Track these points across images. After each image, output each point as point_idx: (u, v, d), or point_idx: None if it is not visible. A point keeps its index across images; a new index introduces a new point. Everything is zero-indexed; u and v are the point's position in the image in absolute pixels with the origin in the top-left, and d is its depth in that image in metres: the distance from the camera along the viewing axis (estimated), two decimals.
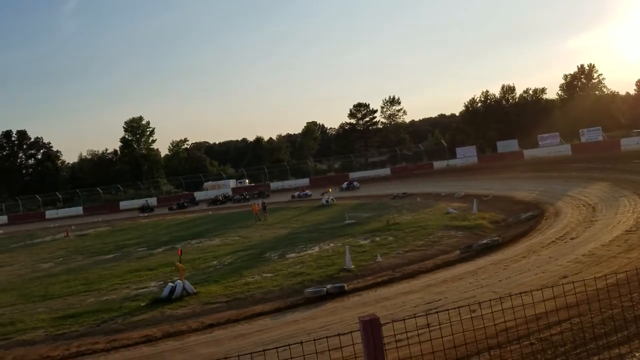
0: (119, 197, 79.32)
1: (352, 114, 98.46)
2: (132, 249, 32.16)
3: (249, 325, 13.08)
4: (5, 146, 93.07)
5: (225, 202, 61.64)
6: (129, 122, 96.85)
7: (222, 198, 63.78)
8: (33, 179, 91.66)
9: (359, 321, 3.89)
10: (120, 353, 12.27)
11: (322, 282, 16.29)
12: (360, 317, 3.89)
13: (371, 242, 22.89)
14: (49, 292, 20.89)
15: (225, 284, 17.96)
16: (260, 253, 24.23)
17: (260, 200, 41.28)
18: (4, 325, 16.01)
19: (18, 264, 31.60)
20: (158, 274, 21.88)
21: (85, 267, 27.05)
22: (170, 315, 14.97)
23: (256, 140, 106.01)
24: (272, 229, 33.39)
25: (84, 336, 14.02)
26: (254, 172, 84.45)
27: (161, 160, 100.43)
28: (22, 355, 12.91)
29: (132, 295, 18.45)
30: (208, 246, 29.12)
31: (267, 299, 15.45)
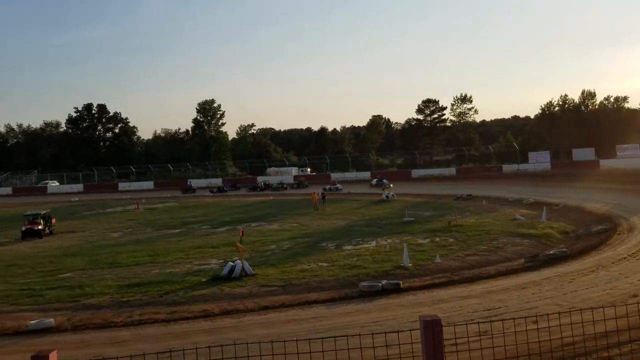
0: (188, 175, 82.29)
1: (420, 109, 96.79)
2: (196, 225, 33.42)
3: (303, 312, 13.29)
4: (86, 118, 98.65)
5: (264, 190, 63.60)
6: (201, 104, 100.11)
7: (262, 185, 66.07)
8: (109, 151, 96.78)
9: (419, 320, 3.86)
10: (180, 325, 12.82)
11: (378, 277, 16.26)
12: (422, 317, 3.86)
13: (430, 242, 22.55)
14: (117, 261, 22.12)
15: (282, 269, 18.31)
16: (317, 242, 24.49)
17: (320, 190, 41.56)
18: (73, 288, 17.12)
19: (90, 231, 33.64)
20: (219, 253, 22.62)
21: (152, 240, 28.41)
22: (229, 293, 15.47)
23: (320, 130, 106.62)
24: (330, 219, 33.60)
25: (147, 305, 14.74)
26: (316, 161, 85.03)
27: (228, 143, 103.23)
28: (88, 319, 13.73)
29: (194, 270, 19.21)
30: (267, 230, 29.75)
31: (322, 288, 15.61)
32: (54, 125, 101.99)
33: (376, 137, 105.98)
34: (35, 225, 31.47)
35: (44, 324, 13.12)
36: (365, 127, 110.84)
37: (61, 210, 45.19)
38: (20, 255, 24.92)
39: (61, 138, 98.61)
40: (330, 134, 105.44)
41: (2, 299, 16.07)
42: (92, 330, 12.89)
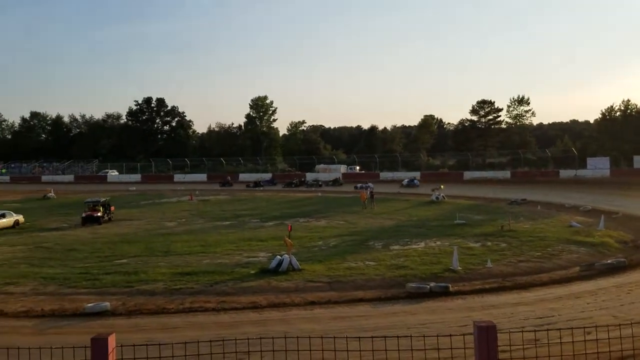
0: (240, 169, 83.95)
1: (475, 110, 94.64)
2: (246, 218, 34.05)
3: (349, 309, 13.31)
4: (145, 111, 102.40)
5: (299, 186, 64.89)
6: (254, 100, 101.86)
7: (297, 182, 67.77)
8: (166, 144, 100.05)
9: (474, 325, 3.81)
10: (229, 315, 13.13)
11: (426, 279, 16.05)
12: (476, 322, 3.80)
13: (482, 246, 22.03)
14: (171, 249, 22.83)
15: (329, 265, 18.38)
16: (364, 240, 24.41)
17: (369, 189, 41.39)
18: (128, 274, 17.78)
19: (146, 219, 34.86)
20: (267, 246, 22.94)
21: (204, 230, 29.15)
22: (276, 286, 15.68)
23: (370, 128, 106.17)
24: (377, 218, 33.41)
25: (198, 294, 15.16)
26: (365, 159, 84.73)
27: (279, 139, 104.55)
28: (142, 304, 14.26)
29: (243, 262, 19.59)
30: (315, 226, 29.92)
31: (368, 287, 15.57)
32: (115, 117, 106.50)
33: (427, 137, 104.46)
34: (95, 212, 32.90)
35: (100, 307, 13.72)
36: (417, 127, 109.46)
37: (119, 198, 47.05)
38: (80, 240, 26.14)
39: (121, 129, 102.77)
40: (380, 132, 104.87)
41: (61, 282, 16.87)
42: (145, 315, 13.38)
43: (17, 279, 17.36)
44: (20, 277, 17.65)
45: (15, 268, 19.34)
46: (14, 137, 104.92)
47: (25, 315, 13.50)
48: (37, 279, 17.31)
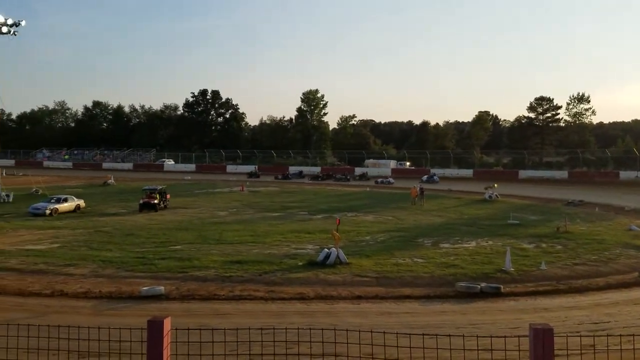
0: (289, 162, 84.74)
1: (532, 107, 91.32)
2: (294, 211, 34.40)
3: (396, 305, 13.25)
4: (201, 103, 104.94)
5: (325, 179, 66.16)
6: (305, 94, 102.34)
7: (322, 175, 69.69)
8: (220, 135, 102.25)
9: (529, 328, 3.70)
10: (277, 304, 13.36)
11: (476, 278, 15.74)
12: (532, 325, 3.69)
13: (536, 248, 21.38)
14: (222, 238, 23.41)
15: (376, 260, 18.32)
16: (413, 237, 24.16)
17: (419, 185, 40.81)
18: (182, 260, 18.39)
19: (199, 208, 35.85)
20: (315, 239, 23.12)
21: (254, 221, 29.69)
22: (323, 279, 15.79)
23: (422, 124, 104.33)
24: (427, 215, 32.97)
25: (247, 282, 15.50)
26: (416, 155, 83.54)
27: (329, 133, 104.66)
28: (195, 289, 14.75)
29: (291, 253, 19.85)
30: (362, 221, 29.86)
31: (417, 284, 15.43)
32: (172, 108, 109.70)
33: (482, 134, 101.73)
34: (152, 200, 34.10)
35: (155, 291, 14.28)
36: (471, 123, 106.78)
37: (175, 187, 48.51)
38: (137, 226, 27.19)
39: (178, 120, 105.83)
40: (432, 128, 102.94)
41: (119, 265, 17.65)
42: (197, 300, 13.83)
43: (78, 261, 18.29)
44: (80, 259, 18.58)
45: (75, 250, 20.36)
46: (77, 125, 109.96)
47: (85, 296, 14.22)
48: (96, 261, 18.17)
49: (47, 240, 22.84)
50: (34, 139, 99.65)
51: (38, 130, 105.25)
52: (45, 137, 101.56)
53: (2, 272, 16.67)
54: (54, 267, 17.29)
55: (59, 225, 27.34)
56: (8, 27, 39.33)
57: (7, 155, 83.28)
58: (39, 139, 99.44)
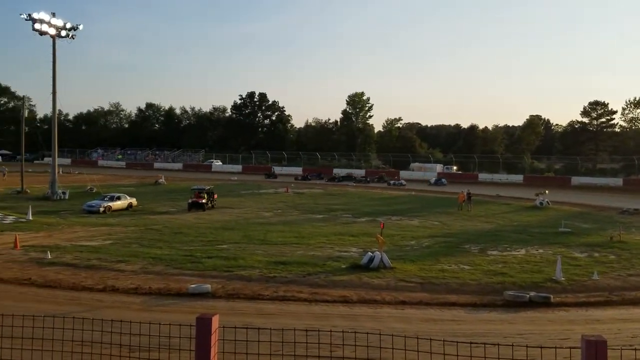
0: (334, 164, 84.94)
1: (586, 112, 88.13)
2: (338, 213, 34.43)
3: (441, 312, 13.03)
4: (248, 105, 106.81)
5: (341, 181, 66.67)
6: (351, 96, 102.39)
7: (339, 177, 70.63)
8: (266, 137, 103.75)
9: (582, 340, 3.57)
10: (320, 306, 13.39)
11: (525, 287, 15.27)
12: (585, 336, 3.56)
13: (588, 257, 20.57)
14: (267, 238, 23.70)
15: (421, 266, 18.08)
16: (459, 243, 23.72)
17: (467, 190, 40.02)
18: (228, 259, 18.71)
19: (245, 208, 36.44)
20: (359, 242, 23.06)
21: (298, 222, 29.92)
22: (367, 282, 15.72)
23: (470, 127, 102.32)
24: (474, 221, 32.29)
25: (291, 283, 15.61)
26: (463, 159, 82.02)
27: (374, 136, 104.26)
28: (240, 289, 14.97)
29: (334, 255, 19.86)
30: (407, 225, 29.55)
31: (463, 291, 15.13)
32: (221, 110, 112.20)
33: (532, 139, 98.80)
34: (200, 199, 34.95)
35: (202, 289, 14.60)
36: (521, 127, 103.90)
37: (222, 187, 49.48)
38: (186, 225, 27.91)
39: (226, 122, 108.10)
40: (480, 132, 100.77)
41: (168, 263, 18.14)
42: (242, 299, 14.04)
43: (129, 257, 18.91)
44: (131, 256, 19.21)
45: (127, 247, 21.07)
46: (130, 126, 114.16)
47: (135, 292, 14.68)
48: (147, 258, 18.74)
49: (100, 236, 23.76)
50: (90, 138, 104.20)
51: (93, 130, 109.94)
52: (100, 137, 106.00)
53: (58, 266, 17.43)
54: (107, 263, 17.94)
55: (111, 222, 28.42)
56: (67, 31, 41.24)
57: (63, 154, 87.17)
58: (94, 139, 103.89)
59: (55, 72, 41.05)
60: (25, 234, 23.47)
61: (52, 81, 41.10)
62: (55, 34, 40.46)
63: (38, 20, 39.17)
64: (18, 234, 22.35)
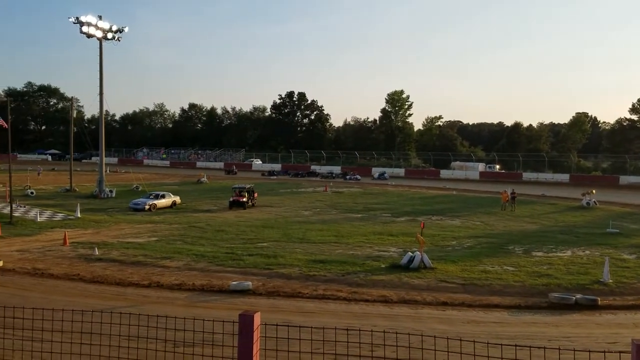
0: (373, 163, 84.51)
1: (635, 109, 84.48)
2: (377, 212, 34.24)
3: (484, 314, 12.78)
4: (287, 105, 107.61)
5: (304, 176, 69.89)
6: (390, 95, 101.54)
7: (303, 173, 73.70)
8: (305, 136, 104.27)
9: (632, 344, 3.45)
10: (360, 306, 13.37)
11: (571, 289, 14.82)
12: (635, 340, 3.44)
13: (637, 259, 19.81)
14: (306, 237, 23.82)
15: (463, 267, 17.79)
16: (502, 244, 23.18)
17: (510, 189, 39.03)
18: (268, 257, 18.92)
19: (285, 207, 36.73)
20: (398, 241, 22.87)
21: (337, 221, 29.92)
22: (407, 282, 15.58)
23: (514, 125, 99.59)
24: (518, 221, 31.49)
25: (330, 282, 15.65)
26: (506, 158, 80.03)
27: (414, 134, 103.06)
28: (280, 286, 15.12)
29: (374, 255, 19.78)
30: (448, 225, 29.10)
31: (506, 293, 14.79)
32: (260, 109, 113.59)
33: (579, 137, 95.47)
34: (241, 198, 35.46)
35: (243, 286, 14.83)
36: (567, 125, 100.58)
37: (262, 186, 49.99)
38: (227, 223, 28.37)
39: (266, 121, 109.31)
40: (524, 130, 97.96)
41: (210, 260, 18.50)
42: (282, 297, 14.18)
43: (173, 254, 19.40)
44: (175, 252, 19.70)
45: (171, 244, 21.61)
46: (174, 126, 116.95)
47: (179, 288, 15.05)
48: (190, 255, 19.18)
49: (146, 233, 24.45)
50: (135, 138, 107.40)
51: (139, 130, 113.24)
52: (145, 136, 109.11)
53: (105, 262, 18.06)
54: (152, 260, 18.46)
55: (156, 220, 29.19)
56: (113, 33, 42.57)
57: (110, 154, 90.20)
58: (140, 139, 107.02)
59: (102, 73, 42.48)
60: (74, 231, 24.42)
61: (99, 82, 42.54)
62: (102, 36, 41.83)
63: (85, 23, 40.58)
64: (67, 230, 23.29)
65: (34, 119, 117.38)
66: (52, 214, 30.21)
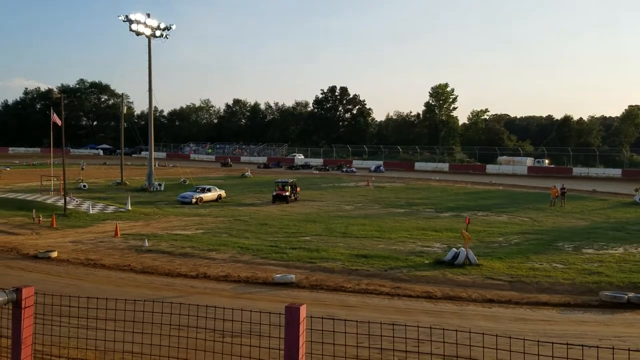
0: (415, 157, 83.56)
1: None
2: (421, 207, 33.88)
3: (532, 312, 12.48)
4: (330, 99, 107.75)
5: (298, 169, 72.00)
6: (434, 88, 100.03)
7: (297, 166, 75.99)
8: (347, 130, 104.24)
9: None
10: (403, 301, 13.29)
11: (623, 288, 14.26)
12: None
13: None
14: (348, 231, 23.83)
15: (510, 264, 17.37)
16: (551, 240, 22.49)
17: (560, 185, 37.76)
18: (311, 251, 19.05)
19: (326, 201, 36.86)
20: (442, 237, 22.56)
21: (379, 216, 29.80)
22: (451, 279, 15.36)
23: (564, 118, 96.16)
24: (567, 217, 30.51)
25: (373, 277, 15.62)
26: (556, 153, 77.47)
27: (458, 129, 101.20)
28: (323, 280, 15.21)
29: (417, 250, 19.59)
30: (494, 221, 28.48)
31: (555, 290, 14.37)
32: (303, 105, 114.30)
33: (632, 131, 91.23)
34: (284, 192, 35.83)
35: (286, 278, 15.02)
36: (619, 118, 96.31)
37: (304, 180, 50.40)
38: (270, 216, 28.73)
39: (308, 116, 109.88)
40: (575, 123, 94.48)
41: (254, 252, 18.80)
42: (325, 291, 14.27)
43: (219, 246, 19.83)
44: (221, 245, 20.13)
45: (217, 237, 22.09)
46: (219, 121, 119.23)
47: (225, 280, 15.39)
48: (235, 248, 19.56)
49: (193, 226, 25.08)
50: (182, 133, 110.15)
51: (185, 125, 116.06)
52: (191, 132, 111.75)
53: (154, 254, 18.64)
54: (199, 252, 18.93)
55: (203, 213, 29.89)
56: (161, 30, 43.71)
57: (159, 149, 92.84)
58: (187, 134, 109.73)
59: (151, 70, 43.73)
60: (124, 223, 25.31)
61: (148, 79, 43.83)
62: (150, 34, 43.01)
63: (134, 22, 41.82)
64: (118, 222, 24.17)
65: (86, 115, 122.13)
66: (104, 207, 31.37)
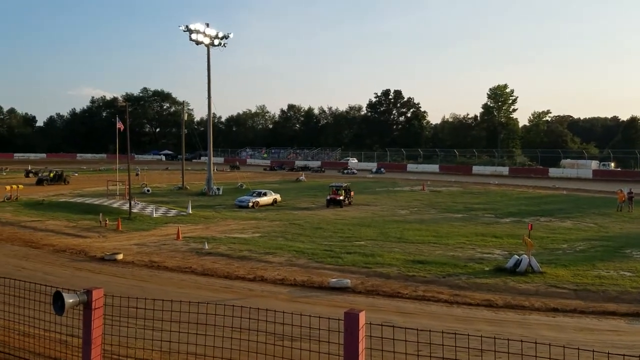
0: (473, 161, 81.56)
1: None
2: (479, 212, 33.00)
3: (598, 322, 11.91)
4: (383, 103, 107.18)
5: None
6: (493, 89, 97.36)
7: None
8: (401, 134, 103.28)
9: None
10: (462, 309, 12.98)
11: None
12: None
13: None
14: (404, 236, 23.55)
15: (575, 271, 16.62)
16: (618, 247, 21.39)
17: (628, 189, 35.79)
18: (366, 256, 18.95)
19: (381, 206, 36.61)
20: (503, 243, 21.89)
21: (435, 221, 29.27)
22: (513, 287, 14.87)
23: (630, 119, 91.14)
24: (635, 223, 29.07)
25: (430, 283, 15.35)
26: (622, 155, 73.51)
27: (519, 131, 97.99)
28: (378, 285, 15.09)
29: (476, 257, 19.08)
30: (558, 227, 27.33)
31: (623, 299, 13.65)
32: (356, 109, 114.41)
33: None
34: (338, 196, 35.91)
35: (342, 283, 15.02)
36: None
37: (358, 184, 50.26)
38: (325, 220, 28.84)
39: (361, 120, 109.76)
40: None
41: (310, 256, 18.91)
42: (381, 296, 14.16)
43: (275, 250, 20.10)
44: (277, 248, 20.40)
45: (273, 240, 22.41)
46: (274, 126, 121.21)
47: (281, 283, 15.57)
48: (291, 251, 19.77)
49: (250, 229, 25.57)
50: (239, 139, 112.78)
51: (242, 131, 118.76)
52: (247, 137, 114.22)
53: (214, 256, 19.12)
54: (256, 255, 19.26)
55: (259, 216, 30.42)
56: (219, 39, 44.98)
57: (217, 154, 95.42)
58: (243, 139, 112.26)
59: (210, 78, 45.12)
60: (186, 226, 26.14)
61: (207, 87, 45.20)
62: (209, 43, 44.35)
63: (194, 31, 43.29)
64: (180, 226, 25.00)
65: (149, 122, 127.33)
66: (166, 210, 32.47)
